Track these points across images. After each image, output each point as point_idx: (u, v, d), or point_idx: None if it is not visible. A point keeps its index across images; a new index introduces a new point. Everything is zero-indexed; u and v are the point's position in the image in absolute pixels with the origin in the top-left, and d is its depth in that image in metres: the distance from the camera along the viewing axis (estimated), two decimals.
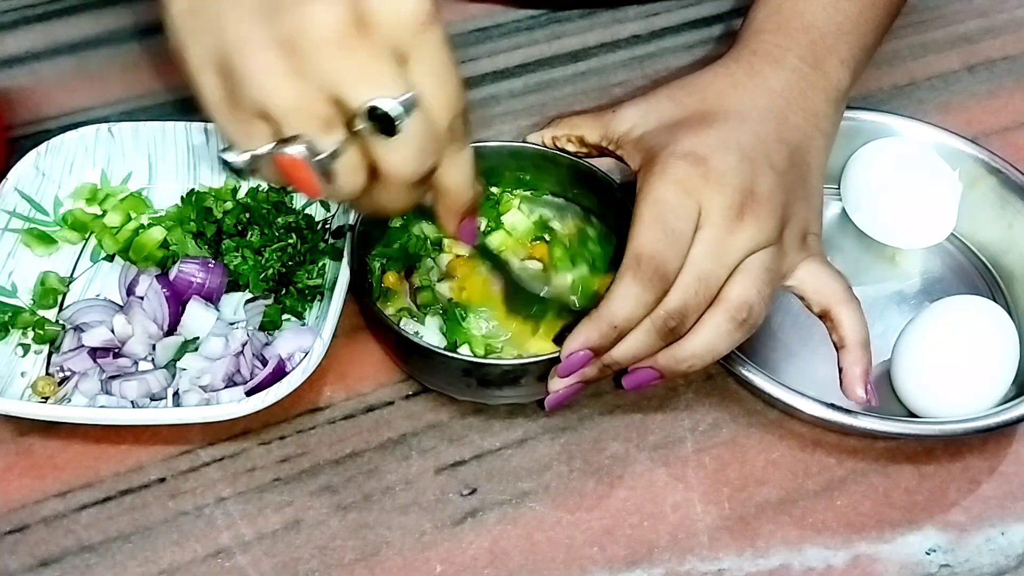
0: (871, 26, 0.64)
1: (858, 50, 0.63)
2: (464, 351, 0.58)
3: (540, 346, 0.58)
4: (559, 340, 0.57)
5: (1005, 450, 0.61)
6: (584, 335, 0.53)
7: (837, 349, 0.58)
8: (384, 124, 0.44)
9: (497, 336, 0.60)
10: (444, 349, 0.57)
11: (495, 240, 0.64)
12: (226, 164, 0.46)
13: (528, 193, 0.66)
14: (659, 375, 0.56)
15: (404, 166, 0.46)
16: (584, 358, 0.54)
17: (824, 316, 0.58)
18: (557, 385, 0.56)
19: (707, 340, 0.55)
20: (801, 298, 0.59)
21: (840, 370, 0.57)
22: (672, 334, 0.54)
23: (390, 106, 0.43)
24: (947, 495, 0.59)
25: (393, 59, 0.44)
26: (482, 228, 0.64)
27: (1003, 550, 0.57)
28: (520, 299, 0.59)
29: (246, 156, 0.45)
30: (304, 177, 0.45)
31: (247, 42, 0.43)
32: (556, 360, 0.54)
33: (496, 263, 0.60)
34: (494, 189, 0.65)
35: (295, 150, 0.44)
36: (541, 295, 0.60)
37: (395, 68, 0.44)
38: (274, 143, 0.44)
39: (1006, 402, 0.59)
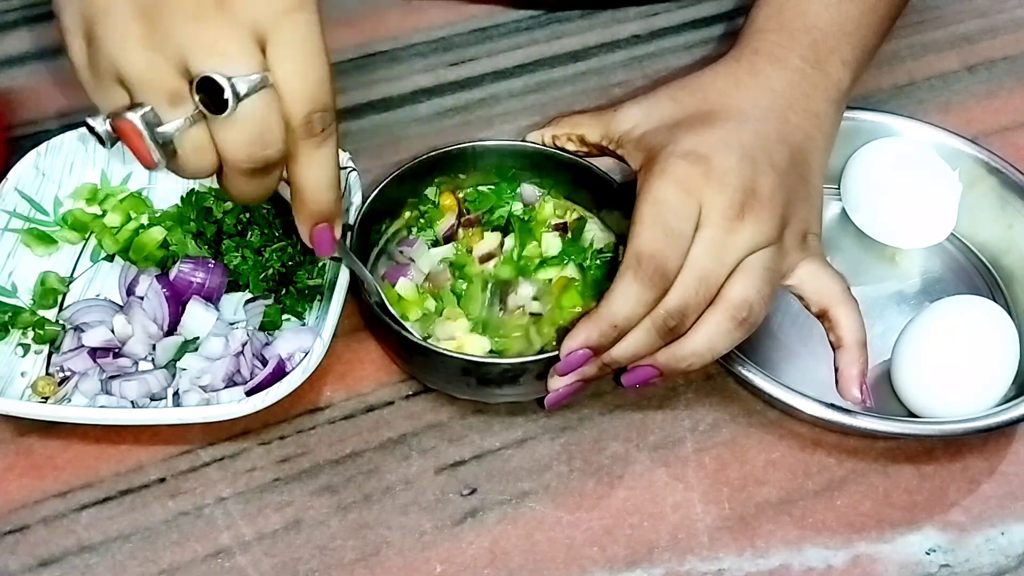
0: (872, 27, 0.64)
1: (859, 50, 0.63)
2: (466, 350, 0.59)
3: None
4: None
5: (1005, 450, 0.61)
6: (584, 334, 0.53)
7: (834, 349, 0.58)
8: (214, 98, 0.44)
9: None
10: (444, 348, 0.57)
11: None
12: (91, 130, 0.46)
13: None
14: (659, 373, 0.56)
15: (236, 149, 0.45)
16: (583, 357, 0.54)
17: (822, 316, 0.58)
18: (557, 384, 0.56)
19: (707, 339, 0.55)
20: (800, 298, 0.59)
21: (836, 370, 0.57)
22: (672, 333, 0.54)
23: (223, 81, 0.43)
24: (947, 495, 0.59)
25: (250, 38, 0.44)
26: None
27: (1003, 550, 0.57)
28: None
29: (108, 123, 0.45)
30: (137, 145, 0.45)
31: (111, 8, 0.44)
32: (555, 359, 0.54)
33: (359, 272, 0.58)
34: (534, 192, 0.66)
35: (131, 115, 0.44)
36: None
37: (247, 46, 0.44)
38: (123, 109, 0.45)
39: (1006, 402, 0.59)
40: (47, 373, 0.61)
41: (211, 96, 0.44)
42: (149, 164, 0.45)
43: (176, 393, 0.59)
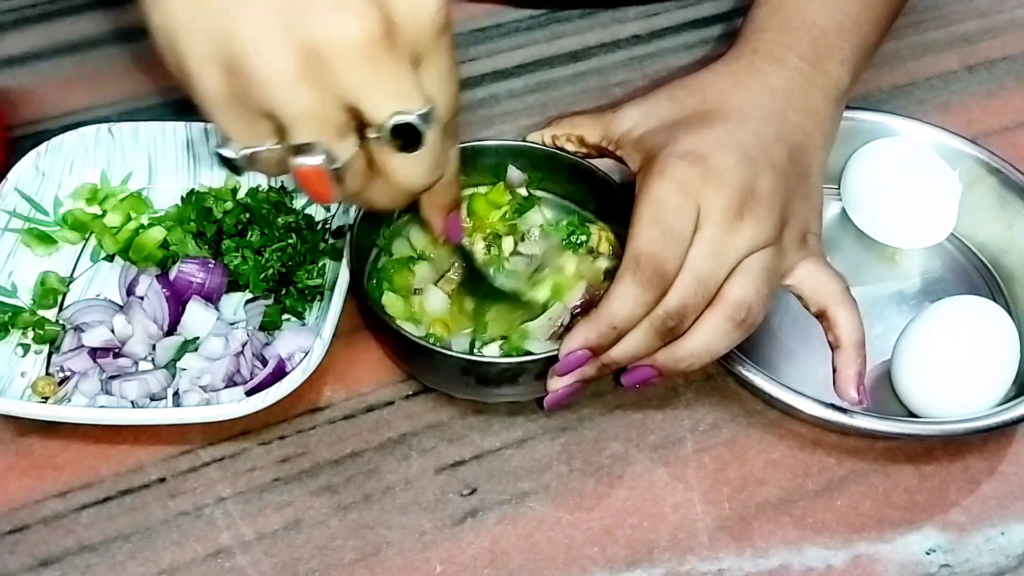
0: (872, 25, 0.64)
1: (859, 49, 0.63)
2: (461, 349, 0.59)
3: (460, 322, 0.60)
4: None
5: (1005, 450, 0.61)
6: (583, 334, 0.53)
7: (832, 349, 0.58)
8: (410, 139, 0.43)
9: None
10: (443, 347, 0.57)
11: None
12: (222, 160, 0.45)
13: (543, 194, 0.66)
14: (658, 373, 0.56)
15: (420, 176, 0.46)
16: (583, 357, 0.54)
17: (821, 316, 0.58)
18: (556, 384, 0.56)
19: (705, 340, 0.55)
20: (799, 297, 0.59)
21: (834, 370, 0.57)
22: (671, 334, 0.54)
23: (416, 121, 0.43)
24: (947, 495, 0.59)
25: (413, 68, 0.43)
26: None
27: (1003, 550, 0.57)
28: (475, 284, 0.60)
29: (246, 152, 0.45)
30: (321, 186, 0.44)
31: (264, 42, 0.41)
32: (554, 359, 0.54)
33: (463, 253, 0.60)
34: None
35: (315, 160, 0.43)
36: (494, 284, 0.61)
37: (415, 80, 0.43)
38: (278, 143, 0.44)
39: (1006, 402, 0.59)
40: (47, 373, 0.61)
41: (403, 136, 0.43)
42: (329, 200, 0.45)
43: (176, 393, 0.59)
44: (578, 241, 0.63)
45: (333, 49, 0.41)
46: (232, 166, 0.45)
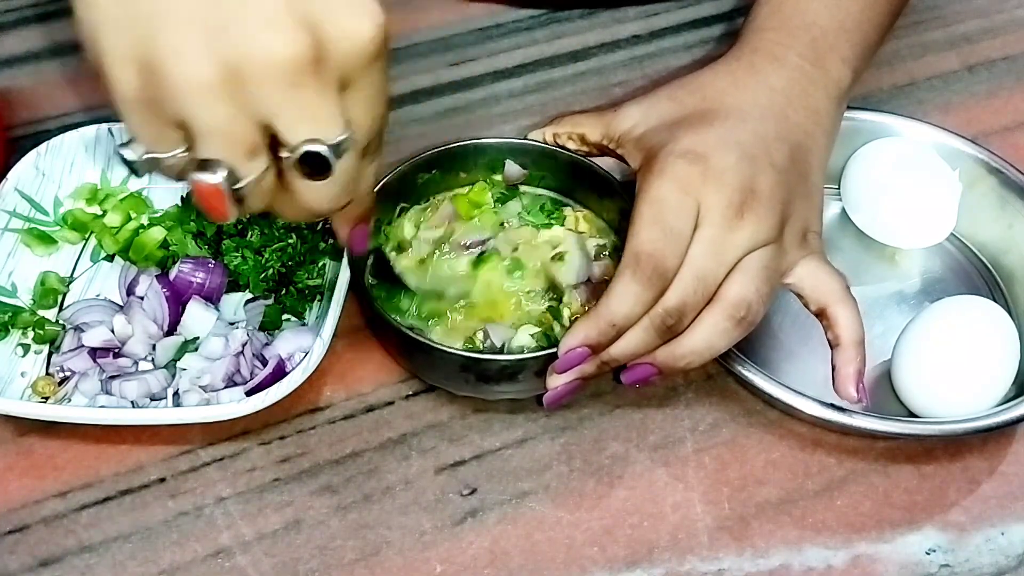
0: (873, 24, 0.64)
1: (860, 48, 0.63)
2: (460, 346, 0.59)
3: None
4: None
5: (1005, 450, 0.61)
6: (583, 332, 0.53)
7: (832, 347, 0.58)
8: (318, 168, 0.42)
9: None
10: (443, 345, 0.57)
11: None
12: (123, 160, 0.43)
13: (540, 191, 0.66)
14: (657, 371, 0.56)
15: (326, 202, 0.45)
16: (582, 355, 0.54)
17: (820, 314, 0.58)
18: (555, 382, 0.56)
19: (705, 338, 0.55)
20: (799, 296, 0.59)
21: (833, 368, 0.57)
22: (670, 332, 0.54)
23: (326, 152, 0.41)
24: (947, 495, 0.59)
25: (337, 94, 0.42)
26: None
27: (1003, 550, 0.57)
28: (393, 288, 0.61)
29: (148, 156, 0.43)
30: (218, 204, 0.42)
31: (186, 49, 0.40)
32: (554, 356, 0.54)
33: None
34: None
35: (215, 178, 0.42)
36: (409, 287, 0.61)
37: (337, 107, 0.42)
38: (184, 151, 0.42)
39: (1006, 402, 0.59)
40: (47, 373, 0.61)
41: (310, 164, 0.42)
42: (223, 219, 0.44)
43: (176, 393, 0.59)
44: (550, 222, 0.64)
45: (255, 68, 0.40)
46: (132, 168, 0.44)
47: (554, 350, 0.54)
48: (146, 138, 0.43)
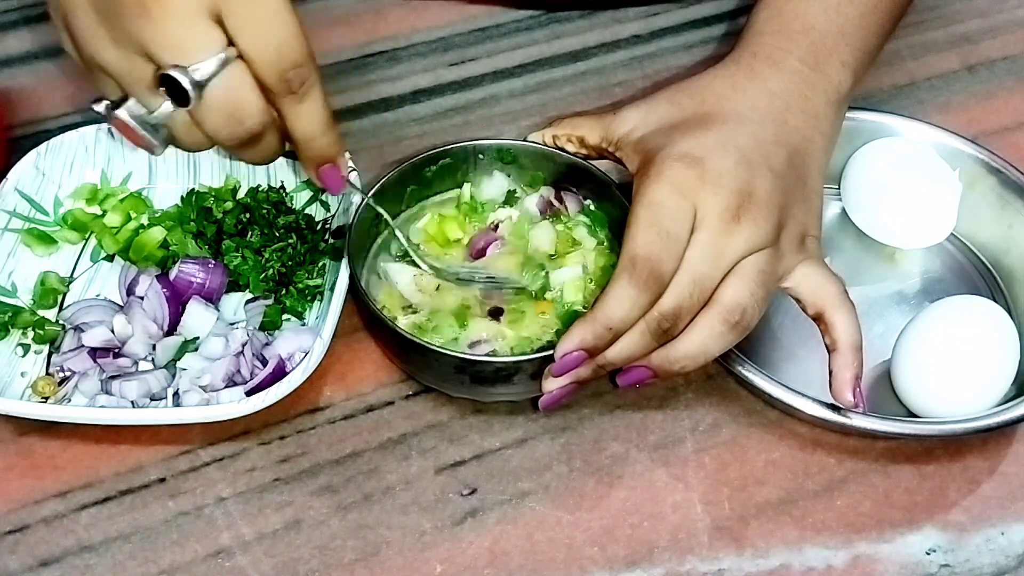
0: (873, 28, 0.64)
1: (860, 52, 0.63)
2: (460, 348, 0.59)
3: None
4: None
5: (1005, 450, 0.61)
6: (579, 336, 0.53)
7: (829, 352, 0.58)
8: (176, 95, 0.44)
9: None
10: (439, 346, 0.57)
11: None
12: (99, 113, 0.48)
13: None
14: (653, 374, 0.56)
15: (215, 131, 0.46)
16: (578, 358, 0.54)
17: (818, 319, 0.58)
18: (551, 385, 0.56)
19: (699, 341, 0.55)
20: (796, 300, 0.59)
21: (831, 373, 0.57)
22: (666, 335, 0.54)
23: (180, 76, 0.44)
24: (947, 495, 0.59)
25: (205, 18, 0.44)
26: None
27: (1003, 550, 0.57)
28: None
29: (104, 103, 0.47)
30: (134, 136, 0.47)
31: (77, 9, 0.45)
32: (550, 358, 0.54)
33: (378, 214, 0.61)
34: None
35: (119, 112, 0.46)
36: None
37: (202, 30, 0.44)
38: (119, 98, 0.47)
39: (1006, 402, 0.59)
40: (47, 373, 0.61)
41: (175, 90, 0.44)
42: (151, 150, 0.48)
43: (176, 393, 0.59)
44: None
45: (114, 6, 0.43)
46: (102, 119, 0.48)
47: (550, 353, 0.54)
48: (99, 89, 0.48)
